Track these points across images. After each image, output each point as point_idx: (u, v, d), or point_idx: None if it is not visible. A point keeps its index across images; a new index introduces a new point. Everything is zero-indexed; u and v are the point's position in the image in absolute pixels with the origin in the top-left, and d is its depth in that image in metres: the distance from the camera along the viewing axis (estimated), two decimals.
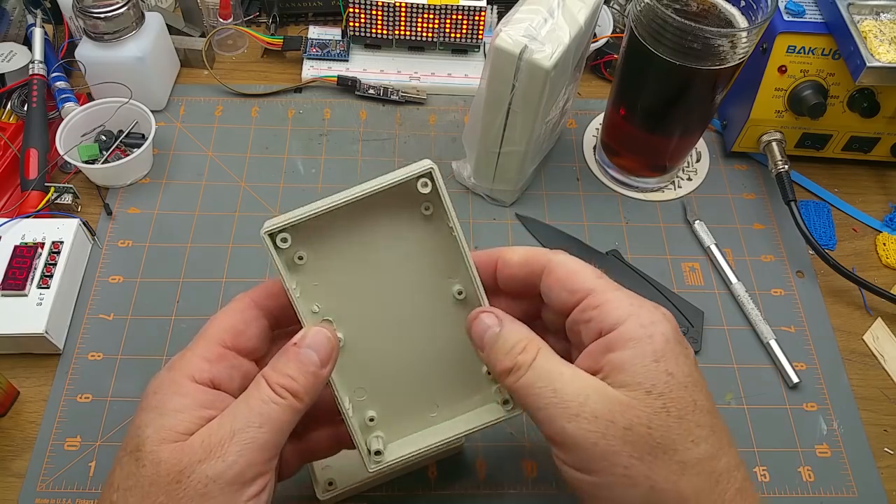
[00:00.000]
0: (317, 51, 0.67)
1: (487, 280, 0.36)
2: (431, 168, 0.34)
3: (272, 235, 0.34)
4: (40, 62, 0.60)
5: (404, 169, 0.34)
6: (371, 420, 0.37)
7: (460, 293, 0.36)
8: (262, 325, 0.35)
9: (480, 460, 0.46)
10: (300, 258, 0.35)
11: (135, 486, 0.29)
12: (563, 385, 0.31)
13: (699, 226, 0.58)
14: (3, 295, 0.48)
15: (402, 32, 0.65)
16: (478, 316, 0.34)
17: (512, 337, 0.33)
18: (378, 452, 0.36)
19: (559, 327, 0.35)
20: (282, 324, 0.36)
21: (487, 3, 0.65)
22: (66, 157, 0.55)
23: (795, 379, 0.50)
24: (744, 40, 0.47)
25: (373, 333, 0.37)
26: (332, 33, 0.69)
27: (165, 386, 0.32)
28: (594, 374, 0.32)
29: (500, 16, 0.66)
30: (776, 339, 0.52)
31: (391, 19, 0.64)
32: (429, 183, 0.34)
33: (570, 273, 0.34)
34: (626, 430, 0.29)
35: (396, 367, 0.37)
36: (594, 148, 0.63)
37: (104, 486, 0.31)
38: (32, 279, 0.48)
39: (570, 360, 0.33)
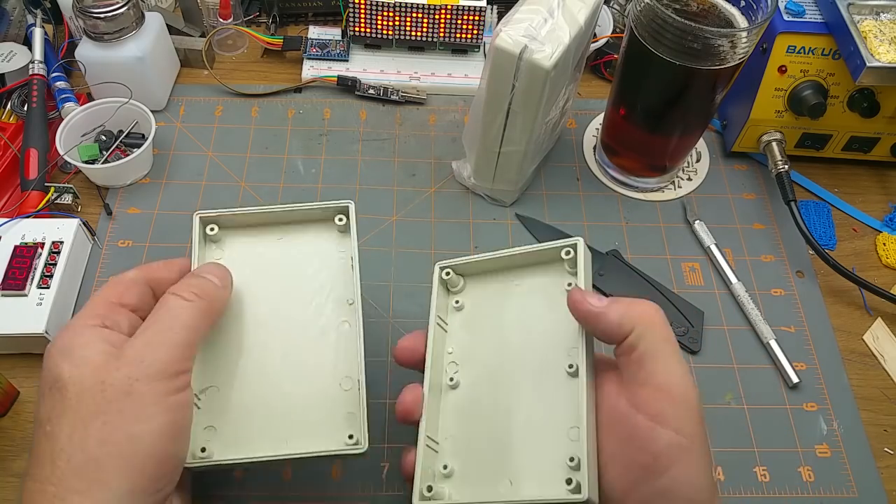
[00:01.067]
0: (317, 51, 0.67)
1: None
2: (578, 240, 0.38)
3: (441, 268, 0.41)
4: (40, 62, 0.60)
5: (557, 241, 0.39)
6: (445, 468, 0.37)
7: (571, 366, 0.37)
8: (145, 289, 0.38)
9: None
10: (457, 302, 0.41)
11: (63, 411, 0.32)
12: None
13: (699, 226, 0.58)
14: (3, 295, 0.48)
15: (402, 32, 0.65)
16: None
17: None
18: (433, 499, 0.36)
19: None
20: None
21: (487, 3, 0.65)
22: (66, 157, 0.55)
23: (795, 379, 0.50)
24: (744, 40, 0.47)
25: (485, 392, 0.39)
26: (332, 33, 0.69)
27: (67, 335, 0.34)
28: None
29: (500, 16, 0.66)
30: (776, 339, 0.52)
31: (391, 19, 0.64)
32: (571, 252, 0.38)
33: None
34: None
35: (490, 431, 0.38)
36: (594, 148, 0.63)
37: (35, 430, 0.33)
38: (32, 279, 0.48)
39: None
